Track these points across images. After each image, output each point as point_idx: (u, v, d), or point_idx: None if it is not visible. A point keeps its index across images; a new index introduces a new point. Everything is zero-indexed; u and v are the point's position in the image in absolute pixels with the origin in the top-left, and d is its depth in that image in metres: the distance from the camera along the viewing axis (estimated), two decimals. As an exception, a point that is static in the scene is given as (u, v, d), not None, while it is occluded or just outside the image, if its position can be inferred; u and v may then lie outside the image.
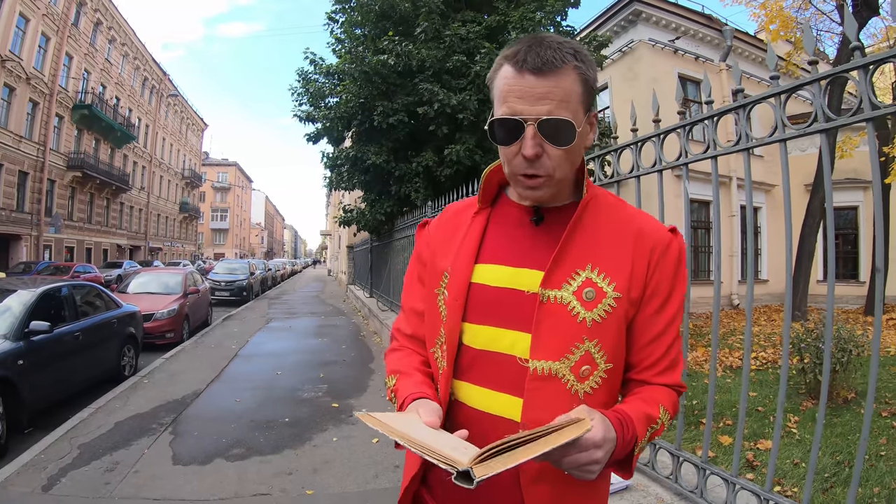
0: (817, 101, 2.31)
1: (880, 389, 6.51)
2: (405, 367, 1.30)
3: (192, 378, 7.51)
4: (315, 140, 12.35)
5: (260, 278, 26.18)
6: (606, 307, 1.12)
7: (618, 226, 1.20)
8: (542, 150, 1.09)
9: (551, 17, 11.06)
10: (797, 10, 14.41)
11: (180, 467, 4.49)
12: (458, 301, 1.20)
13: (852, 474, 3.95)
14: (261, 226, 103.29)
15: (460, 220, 1.33)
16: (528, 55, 1.07)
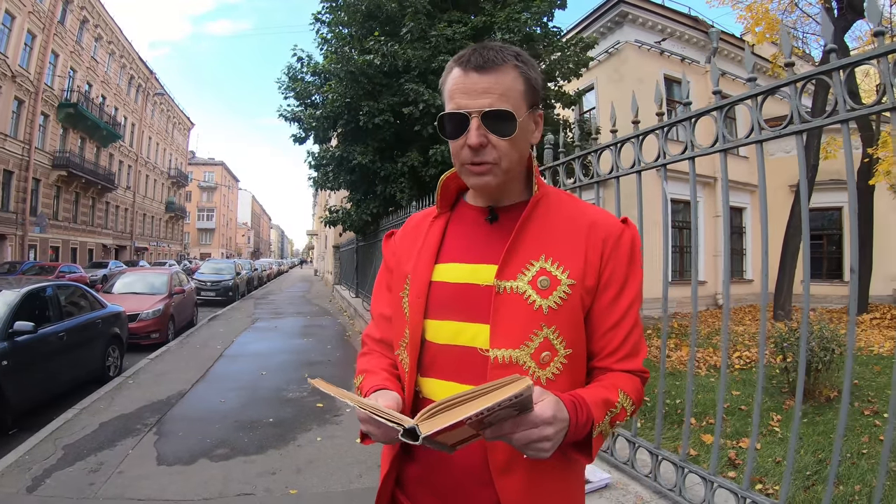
0: (793, 102, 2.35)
1: (863, 388, 6.61)
2: (371, 367, 1.34)
3: (177, 378, 7.48)
4: (301, 141, 12.38)
5: (246, 278, 26.06)
6: (562, 294, 1.16)
7: (569, 219, 1.24)
8: (487, 140, 1.15)
9: (537, 17, 11.11)
10: (783, 13, 14.53)
11: (165, 467, 4.48)
12: (420, 299, 1.25)
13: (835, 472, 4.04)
14: (247, 225, 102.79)
15: (421, 227, 1.38)
16: (472, 56, 1.16)
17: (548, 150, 4.36)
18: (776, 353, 6.62)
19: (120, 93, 41.27)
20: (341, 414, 5.97)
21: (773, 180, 2.68)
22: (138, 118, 45.70)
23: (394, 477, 1.28)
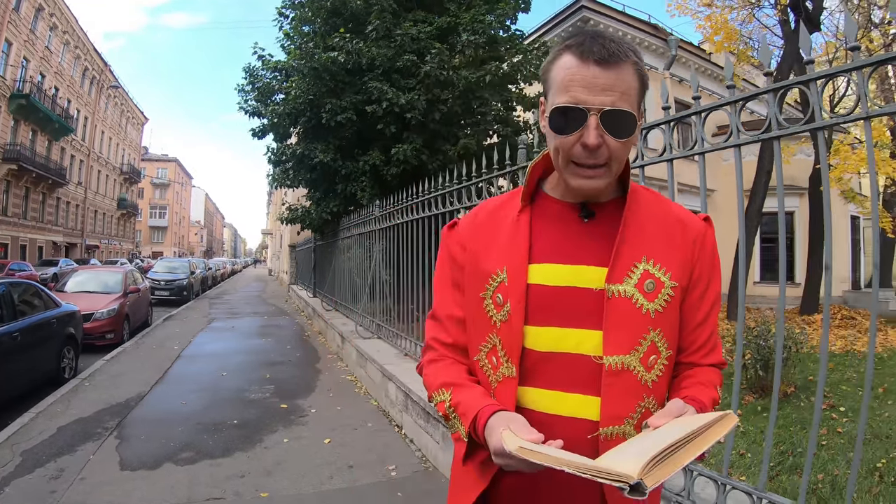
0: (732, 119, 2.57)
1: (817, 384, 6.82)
2: (456, 378, 1.25)
3: (135, 380, 7.30)
4: (261, 135, 12.16)
5: (200, 277, 25.70)
6: (666, 297, 1.16)
7: (660, 217, 1.23)
8: (603, 140, 1.09)
9: (501, 20, 11.17)
10: (741, 24, 14.94)
11: (128, 473, 4.35)
12: (520, 304, 1.17)
13: (796, 463, 4.22)
14: (200, 224, 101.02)
15: (499, 218, 1.30)
16: (593, 46, 1.08)
17: (521, 150, 4.40)
18: (734, 351, 6.83)
19: (73, 85, 40.21)
20: (307, 415, 5.93)
21: (728, 186, 2.80)
22: (91, 111, 44.59)
23: (478, 494, 1.20)
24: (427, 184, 5.95)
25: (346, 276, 10.66)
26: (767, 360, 6.11)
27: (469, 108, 10.64)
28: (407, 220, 6.52)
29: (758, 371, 6.20)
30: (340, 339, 9.18)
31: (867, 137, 2.19)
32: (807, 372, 7.60)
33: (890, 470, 4.22)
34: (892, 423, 5.50)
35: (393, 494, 4.06)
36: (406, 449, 4.98)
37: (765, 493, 2.44)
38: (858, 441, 2.21)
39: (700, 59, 20.05)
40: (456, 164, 5.75)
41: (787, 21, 14.36)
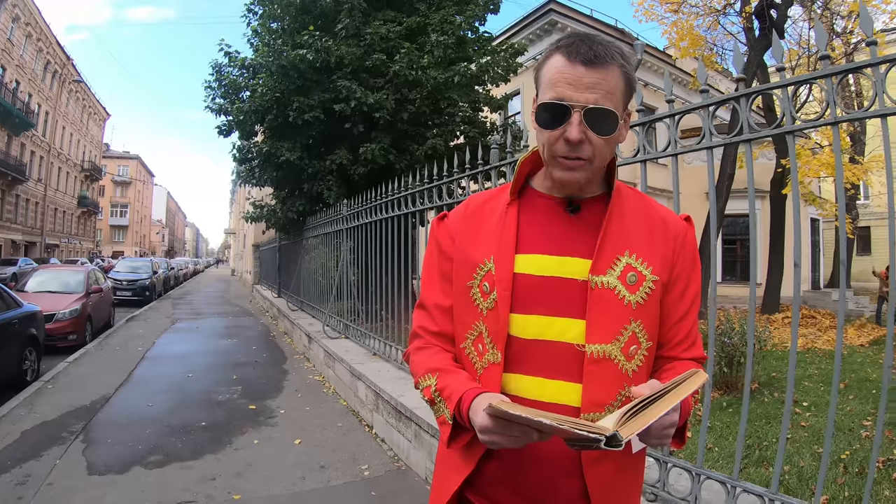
0: (705, 123, 2.71)
1: (781, 380, 7.12)
2: (441, 364, 1.29)
3: (100, 382, 7.14)
4: (227, 133, 12.03)
5: (163, 277, 25.30)
6: (647, 289, 1.21)
7: (644, 215, 1.28)
8: (585, 136, 1.14)
9: (470, 21, 11.22)
10: (706, 30, 15.27)
11: (97, 477, 4.24)
12: (506, 292, 1.21)
13: (763, 456, 4.34)
14: (162, 223, 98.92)
15: (488, 212, 1.34)
16: (581, 47, 1.14)
17: (494, 150, 4.43)
18: None
19: (35, 78, 39.03)
20: (276, 416, 5.88)
21: (690, 187, 2.91)
22: (53, 106, 43.33)
23: (464, 478, 1.24)
24: (395, 184, 5.96)
25: (313, 276, 10.60)
26: (732, 357, 6.27)
27: (437, 108, 10.68)
28: (375, 219, 6.51)
29: (722, 368, 6.35)
30: (307, 339, 9.13)
31: (835, 142, 2.29)
32: (770, 369, 7.80)
33: (853, 461, 4.40)
34: (854, 417, 5.71)
35: (367, 494, 4.05)
36: (378, 448, 4.97)
37: (739, 481, 2.51)
38: (828, 433, 2.30)
39: (665, 63, 20.40)
40: (423, 165, 5.79)
41: (752, 28, 14.73)
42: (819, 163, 12.89)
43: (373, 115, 9.94)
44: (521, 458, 1.18)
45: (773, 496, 2.37)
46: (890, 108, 2.05)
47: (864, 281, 19.58)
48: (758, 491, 2.45)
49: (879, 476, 4.01)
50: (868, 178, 14.21)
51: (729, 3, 14.99)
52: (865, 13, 2.18)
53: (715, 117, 2.72)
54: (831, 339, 11.23)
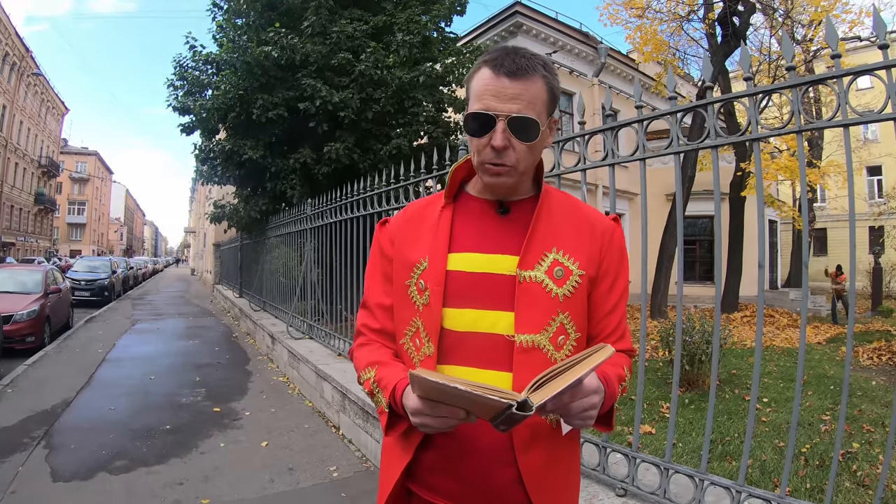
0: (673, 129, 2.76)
1: (741, 377, 7.33)
2: (381, 357, 1.36)
3: (60, 385, 6.95)
4: (189, 131, 11.85)
5: (122, 277, 24.73)
6: (574, 283, 1.28)
7: (572, 214, 1.37)
8: (510, 143, 1.22)
9: (436, 21, 11.26)
10: (670, 35, 15.54)
11: (62, 484, 4.11)
12: (439, 287, 1.29)
13: (726, 451, 4.45)
14: (120, 221, 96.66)
15: (425, 216, 1.42)
16: (504, 61, 1.22)
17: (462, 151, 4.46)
18: (660, 348, 7.21)
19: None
20: (241, 418, 5.81)
21: (650, 188, 2.98)
22: (10, 100, 42.02)
23: (405, 467, 1.30)
24: (359, 184, 5.96)
25: (276, 276, 10.50)
26: (693, 355, 6.40)
27: (402, 107, 10.69)
28: (339, 219, 6.50)
29: (684, 366, 6.47)
30: (271, 339, 9.04)
31: (799, 150, 2.38)
32: (730, 366, 7.98)
33: (814, 455, 4.53)
34: (813, 412, 5.86)
35: (336, 495, 4.03)
36: (345, 449, 4.95)
37: (706, 474, 2.58)
38: (792, 428, 2.38)
39: (629, 67, 20.71)
40: (387, 164, 5.79)
41: (714, 35, 15.04)
42: (777, 166, 13.21)
43: (337, 114, 9.91)
44: (456, 447, 1.25)
45: (740, 488, 2.45)
46: (852, 119, 2.15)
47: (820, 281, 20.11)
48: (725, 483, 2.52)
49: (840, 468, 4.14)
50: (825, 182, 14.62)
51: (693, 9, 15.25)
52: (831, 27, 2.26)
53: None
54: (789, 338, 11.52)
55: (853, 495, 3.70)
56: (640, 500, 2.78)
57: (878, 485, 2.16)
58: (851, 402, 6.04)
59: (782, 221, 22.44)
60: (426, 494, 1.31)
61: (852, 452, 4.55)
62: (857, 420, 5.55)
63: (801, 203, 12.20)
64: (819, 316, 16.02)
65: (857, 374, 7.75)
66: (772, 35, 16.03)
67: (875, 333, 11.46)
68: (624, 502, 2.79)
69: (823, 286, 21.45)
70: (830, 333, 12.29)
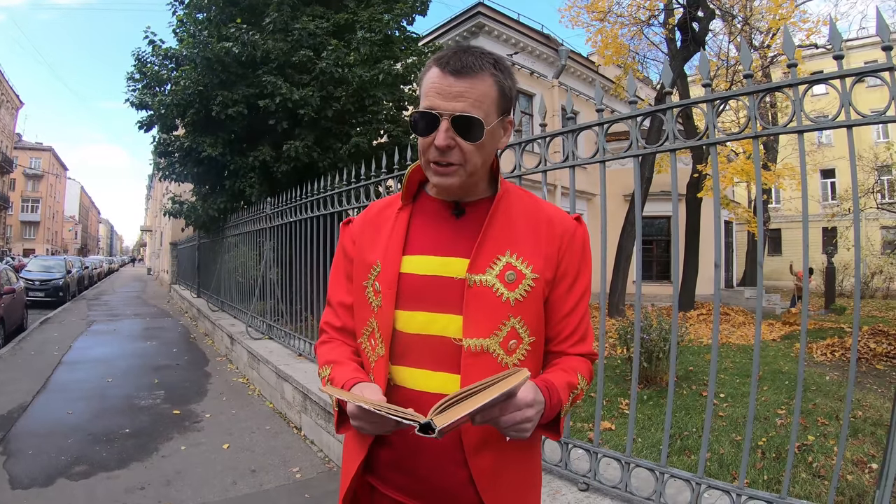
0: (633, 132, 2.84)
1: (697, 374, 7.49)
2: (338, 356, 1.39)
3: (16, 389, 6.77)
4: (147, 128, 11.57)
5: (77, 277, 24.15)
6: (526, 287, 1.27)
7: (530, 215, 1.35)
8: (455, 142, 1.21)
9: (398, 20, 11.26)
10: (630, 39, 15.79)
11: (21, 491, 4.01)
12: (391, 290, 1.29)
13: (684, 445, 4.55)
14: (75, 219, 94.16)
15: (384, 217, 1.42)
16: (451, 59, 1.21)
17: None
18: (618, 346, 7.35)
19: (-58, 63, 36.51)
20: (201, 420, 5.74)
21: (608, 189, 3.07)
22: (-36, 92, 40.70)
23: (361, 462, 1.32)
24: (319, 183, 5.94)
25: (235, 276, 10.40)
26: (651, 352, 6.53)
27: (362, 106, 10.62)
28: (298, 218, 6.47)
29: (642, 363, 6.61)
30: (230, 340, 8.94)
31: (755, 154, 2.47)
32: (686, 363, 8.15)
33: (770, 447, 4.68)
34: (769, 406, 6.01)
35: (300, 496, 4.01)
36: (308, 450, 4.93)
37: (667, 468, 2.64)
38: (749, 422, 2.46)
39: (589, 70, 20.97)
40: (346, 163, 5.77)
41: (674, 39, 15.31)
42: (734, 169, 13.49)
43: (297, 112, 9.82)
44: (410, 446, 1.25)
45: (700, 480, 2.52)
46: (806, 126, 2.23)
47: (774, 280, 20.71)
48: (685, 476, 2.59)
49: (796, 460, 4.28)
50: (780, 183, 15.00)
51: (653, 14, 15.49)
52: (789, 37, 2.34)
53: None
54: (744, 335, 11.79)
55: (809, 485, 3.83)
56: (602, 495, 2.83)
57: (833, 475, 2.25)
58: (806, 396, 6.22)
59: (737, 222, 22.96)
60: (386, 490, 1.33)
61: (808, 445, 4.69)
62: (811, 414, 5.70)
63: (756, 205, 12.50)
64: (773, 313, 16.41)
65: (811, 369, 7.95)
66: (730, 41, 16.41)
67: (828, 330, 11.76)
68: (586, 496, 2.83)
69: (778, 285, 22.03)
70: (785, 331, 12.58)
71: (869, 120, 2.15)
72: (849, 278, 22.15)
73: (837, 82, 2.14)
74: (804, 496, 3.60)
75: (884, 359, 8.71)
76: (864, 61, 21.75)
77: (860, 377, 7.48)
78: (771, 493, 2.39)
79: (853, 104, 2.12)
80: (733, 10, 15.75)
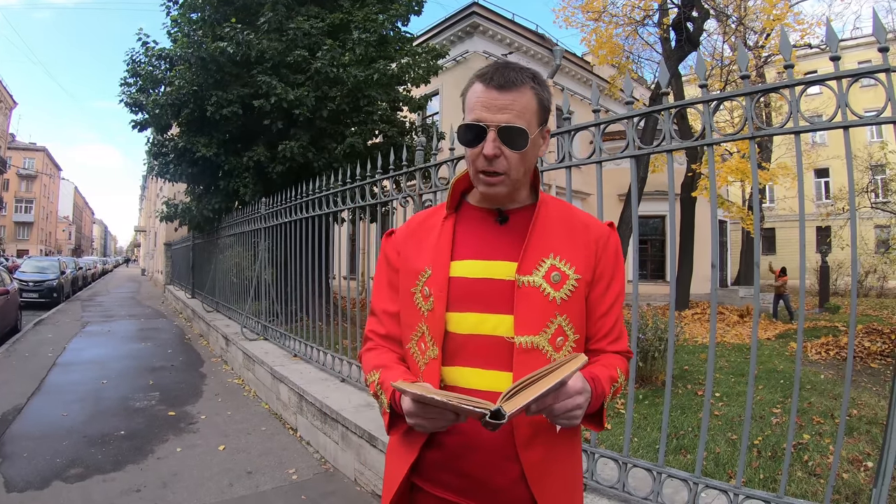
0: (630, 133, 2.87)
1: (693, 373, 7.49)
2: (386, 361, 1.43)
3: (10, 391, 6.71)
4: (142, 128, 11.56)
5: (71, 278, 24.00)
6: (570, 287, 1.34)
7: (568, 221, 1.42)
8: (501, 151, 1.28)
9: (393, 20, 11.24)
10: (625, 39, 15.82)
11: (16, 495, 3.97)
12: (442, 293, 1.35)
13: (680, 444, 4.56)
14: (68, 220, 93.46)
15: (429, 226, 1.48)
16: (494, 75, 1.28)
17: (419, 152, 4.48)
18: None
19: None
20: (197, 422, 5.70)
21: (604, 188, 3.08)
22: (-43, 92, 40.48)
23: (410, 465, 1.35)
24: (314, 183, 5.93)
25: (229, 277, 10.35)
26: (647, 352, 6.55)
27: (357, 106, 10.63)
28: (293, 219, 6.45)
29: (638, 362, 6.63)
30: (225, 341, 8.91)
31: (752, 155, 2.47)
32: (682, 362, 8.16)
33: (766, 446, 4.68)
34: (765, 406, 6.03)
35: (297, 498, 3.98)
36: (304, 451, 4.91)
37: (664, 467, 2.64)
38: (746, 421, 2.47)
39: (583, 70, 20.98)
40: (342, 163, 5.77)
41: (668, 39, 15.35)
42: (729, 168, 13.54)
43: (292, 112, 9.83)
44: (461, 445, 1.31)
45: (697, 479, 2.53)
46: (803, 126, 2.24)
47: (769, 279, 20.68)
48: (682, 476, 2.60)
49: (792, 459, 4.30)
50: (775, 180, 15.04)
51: (648, 14, 15.55)
52: (786, 39, 2.34)
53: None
54: (739, 334, 11.82)
55: (805, 484, 3.83)
56: (599, 495, 2.84)
57: (830, 473, 2.26)
58: (801, 395, 6.23)
59: (731, 221, 23.01)
60: (432, 488, 1.36)
61: (803, 443, 4.70)
62: (807, 412, 5.72)
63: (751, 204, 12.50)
64: (767, 312, 16.48)
65: (806, 368, 7.99)
66: (724, 41, 16.47)
67: (823, 329, 11.81)
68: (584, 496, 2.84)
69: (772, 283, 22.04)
70: (779, 330, 12.63)
71: (865, 121, 2.16)
72: (843, 277, 22.23)
73: (834, 83, 2.15)
74: (800, 495, 3.61)
75: (878, 357, 8.75)
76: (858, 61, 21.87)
77: (855, 376, 7.51)
78: (768, 492, 2.40)
79: (849, 105, 2.13)
80: (727, 10, 15.81)
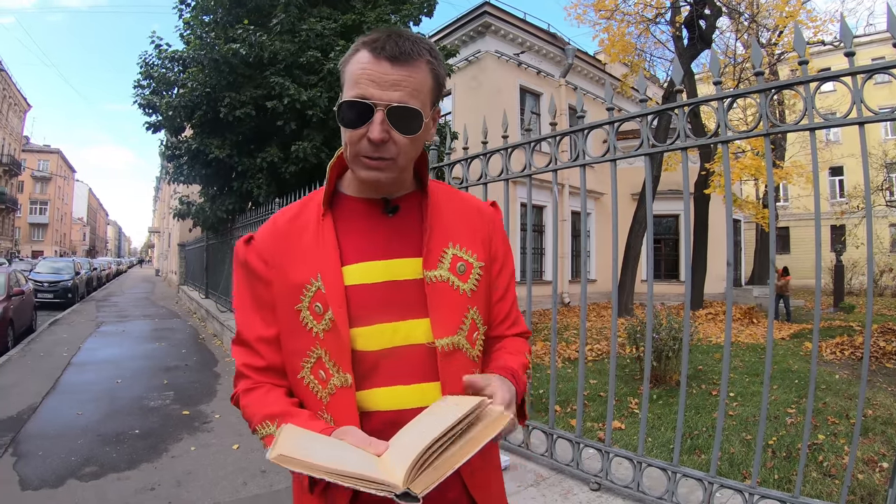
0: (644, 130, 2.90)
1: (707, 373, 7.48)
2: (280, 408, 1.16)
3: (25, 391, 6.79)
4: (156, 130, 11.61)
5: (85, 278, 24.22)
6: (476, 276, 1.23)
7: (459, 206, 1.30)
8: (389, 135, 1.09)
9: (405, 21, 11.25)
10: (637, 37, 15.78)
11: (31, 493, 4.01)
12: (342, 308, 1.13)
13: (694, 444, 4.54)
14: (83, 221, 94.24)
15: (300, 226, 1.24)
16: (386, 43, 1.08)
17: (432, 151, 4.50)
18: (627, 345, 7.35)
19: (-47, 65, 36.77)
20: (211, 421, 5.73)
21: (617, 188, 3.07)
22: (-28, 95, 40.93)
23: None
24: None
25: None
26: (661, 351, 6.51)
27: (370, 106, 10.64)
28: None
29: (652, 362, 6.61)
30: (239, 341, 8.92)
31: (766, 152, 2.46)
32: (696, 362, 8.13)
33: (780, 446, 4.63)
34: (779, 406, 5.99)
35: (310, 497, 4.03)
36: (317, 450, 4.94)
37: (679, 467, 2.64)
38: (762, 421, 2.46)
39: (595, 68, 20.92)
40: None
41: (681, 37, 15.28)
42: (741, 166, 13.46)
43: (305, 113, 9.85)
44: None
45: (713, 479, 2.52)
46: (818, 123, 2.22)
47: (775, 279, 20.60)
48: (697, 475, 2.59)
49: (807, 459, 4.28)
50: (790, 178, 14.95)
51: (660, 12, 15.50)
52: (800, 35, 2.33)
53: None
54: (753, 334, 11.77)
55: (820, 485, 3.82)
56: (613, 494, 2.84)
57: (846, 474, 2.24)
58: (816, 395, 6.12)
59: (745, 220, 22.87)
60: None
61: (818, 444, 4.67)
62: (821, 413, 5.69)
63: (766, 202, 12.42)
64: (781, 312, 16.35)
65: (820, 368, 7.94)
66: (737, 39, 16.37)
67: (837, 329, 11.74)
68: (598, 496, 2.83)
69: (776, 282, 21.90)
70: (793, 329, 12.56)
71: (881, 117, 2.15)
72: (857, 276, 22.04)
73: (849, 79, 2.13)
74: (815, 495, 3.59)
75: (894, 357, 8.68)
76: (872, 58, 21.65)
77: (870, 376, 7.42)
78: (783, 492, 2.39)
79: (864, 101, 2.11)
80: (740, 7, 15.72)
